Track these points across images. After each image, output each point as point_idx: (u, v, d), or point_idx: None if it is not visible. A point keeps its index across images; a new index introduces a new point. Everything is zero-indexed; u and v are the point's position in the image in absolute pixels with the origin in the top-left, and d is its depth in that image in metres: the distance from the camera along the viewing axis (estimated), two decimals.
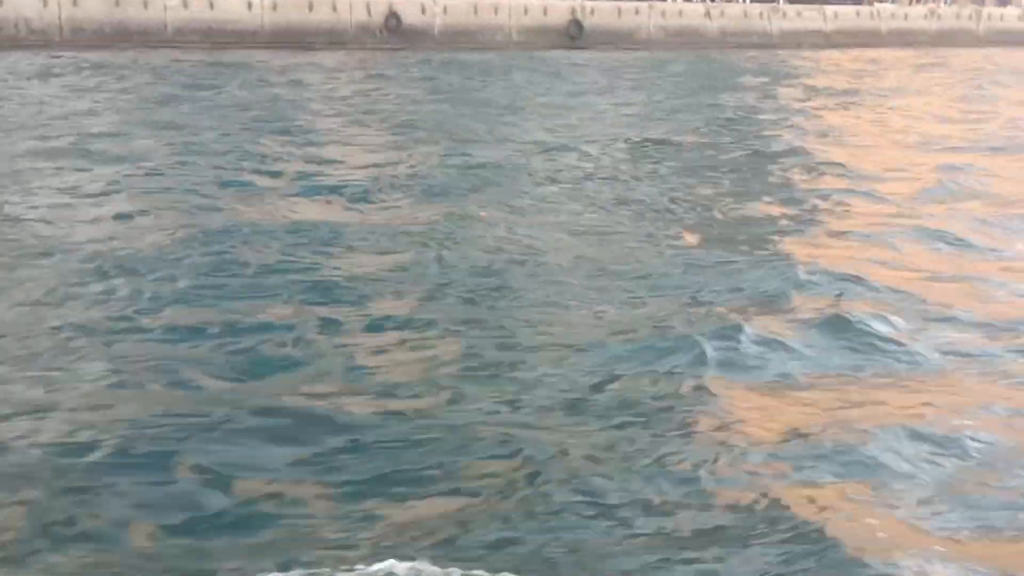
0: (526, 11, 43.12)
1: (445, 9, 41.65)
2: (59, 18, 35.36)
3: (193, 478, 6.62)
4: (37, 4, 35.05)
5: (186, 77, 29.16)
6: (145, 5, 36.64)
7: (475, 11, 42.27)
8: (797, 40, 48.23)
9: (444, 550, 5.86)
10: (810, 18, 49.27)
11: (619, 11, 45.19)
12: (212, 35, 37.58)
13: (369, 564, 5.62)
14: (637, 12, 45.57)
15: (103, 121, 21.16)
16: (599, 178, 16.95)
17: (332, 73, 31.87)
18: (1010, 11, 56.15)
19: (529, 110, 25.31)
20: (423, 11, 41.16)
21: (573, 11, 44.09)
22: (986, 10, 55.20)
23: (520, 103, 26.57)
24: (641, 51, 43.47)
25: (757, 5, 48.84)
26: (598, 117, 24.74)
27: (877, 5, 52.61)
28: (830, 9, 50.03)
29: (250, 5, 38.23)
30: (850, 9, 51.07)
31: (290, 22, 38.83)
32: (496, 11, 42.67)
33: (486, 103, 26.36)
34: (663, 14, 45.92)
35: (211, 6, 37.65)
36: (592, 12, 44.33)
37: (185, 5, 37.22)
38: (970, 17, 54.01)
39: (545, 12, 43.51)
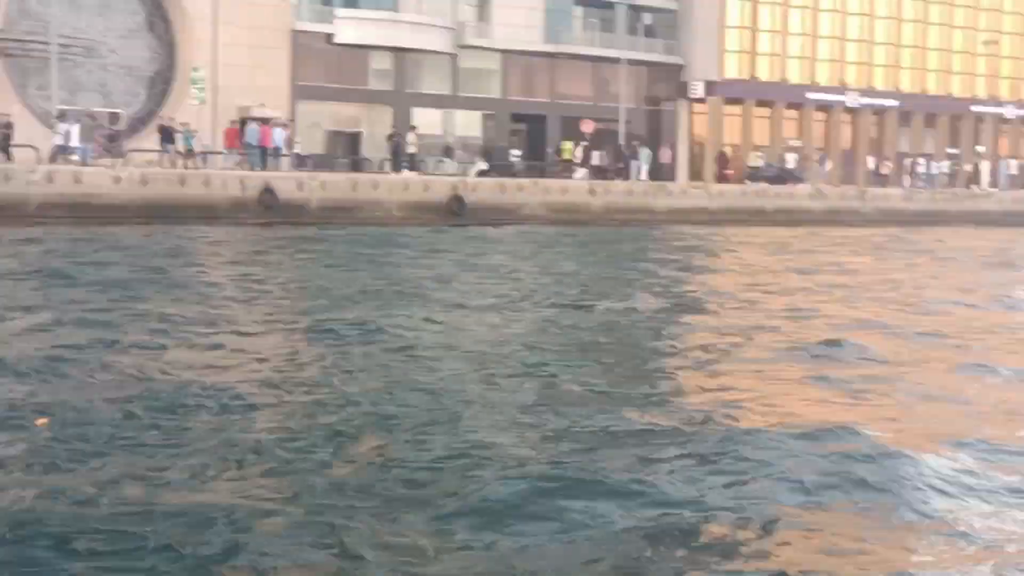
0: (406, 186, 42.44)
1: (323, 184, 40.83)
2: None
3: None
4: None
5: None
6: (6, 178, 35.40)
7: (353, 187, 41.50)
8: (683, 217, 48.02)
9: None
10: (695, 195, 49.22)
11: (502, 187, 44.74)
12: (77, 210, 36.31)
13: None
14: (521, 188, 45.13)
15: None
16: None
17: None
18: (893, 191, 56.78)
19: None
20: (299, 187, 40.29)
21: (455, 187, 43.52)
22: (870, 191, 55.78)
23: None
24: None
25: (642, 183, 48.81)
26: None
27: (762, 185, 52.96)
28: (715, 187, 50.09)
29: (118, 180, 37.10)
30: (734, 188, 51.21)
31: (160, 196, 37.70)
32: (375, 186, 41.94)
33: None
34: (547, 190, 45.52)
35: (76, 180, 36.48)
36: (474, 188, 43.77)
37: (50, 179, 36.01)
38: (856, 197, 54.43)
39: (426, 188, 42.88)
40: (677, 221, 47.44)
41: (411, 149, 45.08)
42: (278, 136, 42.55)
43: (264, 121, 45.35)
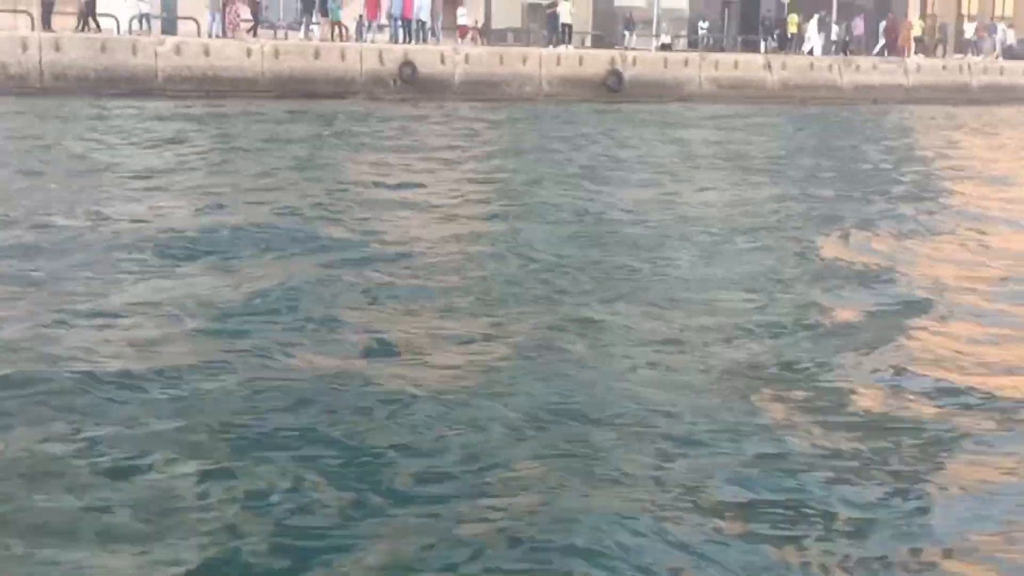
0: (559, 60, 40.71)
1: (467, 57, 39.57)
2: (39, 63, 34.44)
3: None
4: (16, 49, 34.22)
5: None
6: (134, 51, 35.51)
7: (500, 60, 40.06)
8: (872, 95, 44.65)
9: None
10: (887, 71, 45.66)
11: (665, 61, 42.46)
12: (207, 84, 36.20)
13: None
14: (687, 63, 42.74)
15: None
16: None
17: None
18: None
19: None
20: (442, 60, 39.14)
21: (612, 60, 41.51)
22: None
23: None
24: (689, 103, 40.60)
25: (825, 57, 45.51)
26: None
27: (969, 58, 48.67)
28: (912, 61, 46.35)
29: (249, 52, 36.77)
30: (935, 62, 47.26)
31: (293, 69, 37.22)
32: (524, 60, 40.39)
33: None
34: (716, 65, 42.96)
35: (206, 53, 36.32)
36: (634, 62, 41.65)
37: (178, 52, 35.96)
38: None
39: (580, 61, 41.03)
40: (864, 99, 44.17)
41: (565, 19, 42.98)
42: (423, 6, 41.20)
43: None
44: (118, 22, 38.16)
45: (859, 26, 49.26)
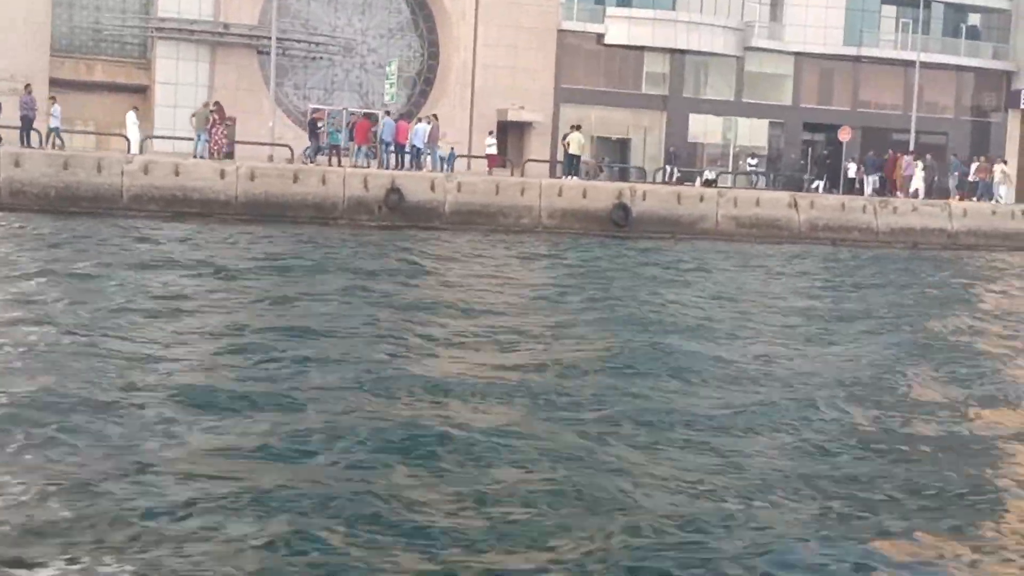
0: (561, 191, 38.49)
1: (459, 185, 37.57)
2: None
3: None
4: None
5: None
6: (99, 169, 34.24)
7: (496, 189, 38.00)
8: (912, 239, 41.54)
9: None
10: (930, 214, 42.52)
11: (679, 196, 39.96)
12: (175, 204, 34.75)
13: None
14: (702, 199, 40.18)
15: None
16: None
17: None
18: None
19: None
20: (432, 187, 37.20)
21: (620, 194, 39.15)
22: None
23: None
24: (704, 242, 38.04)
25: (856, 197, 42.54)
26: None
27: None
28: (957, 204, 43.13)
29: (223, 173, 35.29)
30: (982, 207, 43.93)
31: (270, 193, 35.62)
32: (523, 191, 38.26)
33: None
34: (735, 202, 40.32)
35: (176, 172, 34.91)
36: (644, 196, 39.23)
37: (146, 171, 34.61)
38: None
39: (584, 194, 38.75)
40: (901, 243, 41.12)
41: (574, 150, 40.86)
42: (420, 133, 39.47)
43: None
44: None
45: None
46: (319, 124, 40.68)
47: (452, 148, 45.96)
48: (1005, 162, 48.90)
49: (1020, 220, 43.06)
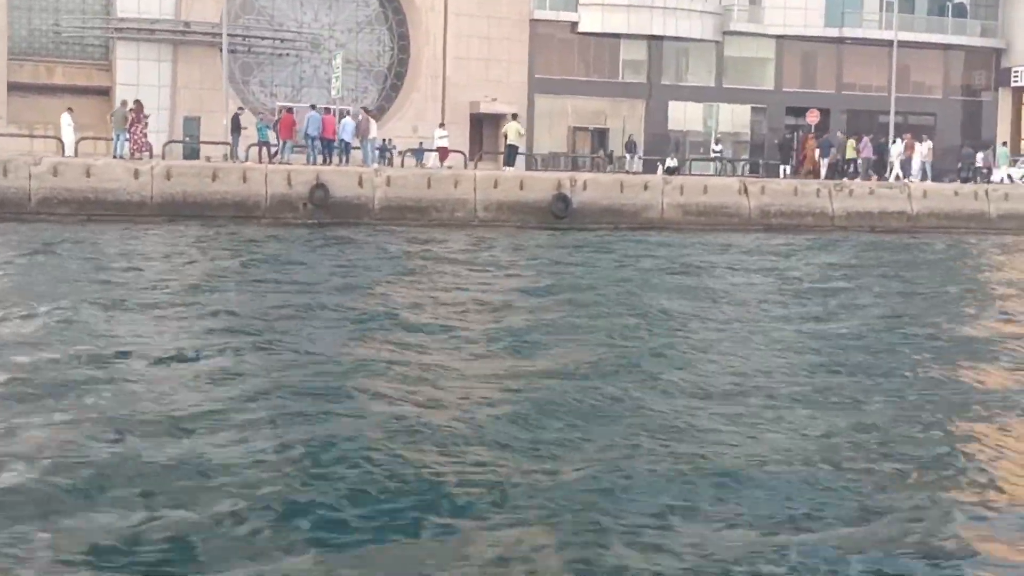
0: (496, 183, 37.25)
1: (388, 180, 36.40)
2: None
3: None
4: None
5: None
6: (4, 173, 33.36)
7: (428, 183, 36.80)
8: (869, 223, 40.02)
9: None
10: (888, 196, 40.94)
11: (621, 185, 38.61)
12: (87, 207, 33.79)
13: None
14: (646, 187, 38.82)
15: None
16: None
17: None
18: None
19: None
20: (360, 182, 36.07)
21: (559, 184, 37.85)
22: None
23: None
24: (651, 231, 36.70)
25: (810, 181, 41.02)
26: None
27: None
28: (917, 186, 41.52)
29: (137, 173, 34.31)
30: (946, 187, 42.29)
31: (187, 192, 34.61)
32: (456, 183, 37.04)
33: None
34: (680, 189, 38.92)
35: (88, 174, 33.95)
36: (584, 186, 37.92)
37: (55, 173, 33.69)
38: None
39: (522, 185, 37.48)
40: (859, 227, 39.61)
41: (512, 140, 39.58)
42: (348, 127, 38.35)
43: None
44: None
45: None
46: (242, 120, 39.63)
47: (384, 141, 44.96)
48: (930, 141, 46.93)
49: (983, 200, 41.35)
